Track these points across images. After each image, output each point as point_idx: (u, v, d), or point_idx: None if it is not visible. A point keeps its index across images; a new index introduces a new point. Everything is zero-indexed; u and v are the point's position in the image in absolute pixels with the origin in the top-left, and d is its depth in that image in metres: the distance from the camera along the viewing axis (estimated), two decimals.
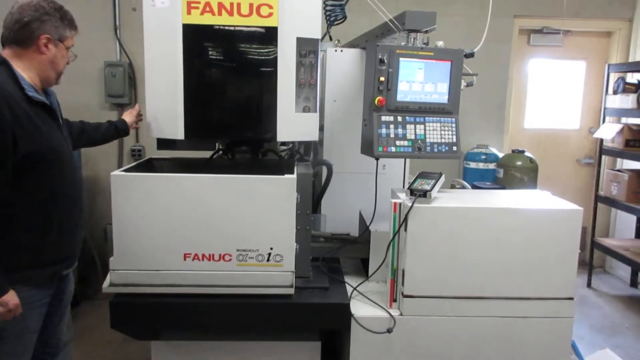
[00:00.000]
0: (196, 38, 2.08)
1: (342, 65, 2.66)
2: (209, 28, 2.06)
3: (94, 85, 4.52)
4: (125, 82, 4.52)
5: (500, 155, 4.05)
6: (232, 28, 2.07)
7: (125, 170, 2.06)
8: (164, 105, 2.16)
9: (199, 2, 2.04)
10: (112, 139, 2.45)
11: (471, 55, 2.20)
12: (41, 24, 1.85)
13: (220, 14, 2.05)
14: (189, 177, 1.97)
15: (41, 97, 1.89)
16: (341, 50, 2.68)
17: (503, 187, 2.99)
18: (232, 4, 2.05)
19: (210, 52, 2.13)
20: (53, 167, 1.89)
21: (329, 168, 2.54)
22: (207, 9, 2.05)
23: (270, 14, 2.06)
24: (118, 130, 2.40)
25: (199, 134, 2.21)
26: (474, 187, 2.82)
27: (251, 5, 2.05)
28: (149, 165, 2.40)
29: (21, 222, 1.84)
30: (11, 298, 1.80)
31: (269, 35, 2.08)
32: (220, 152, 2.44)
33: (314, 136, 2.24)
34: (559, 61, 5.14)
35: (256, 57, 2.13)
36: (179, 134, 2.13)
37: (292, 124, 2.16)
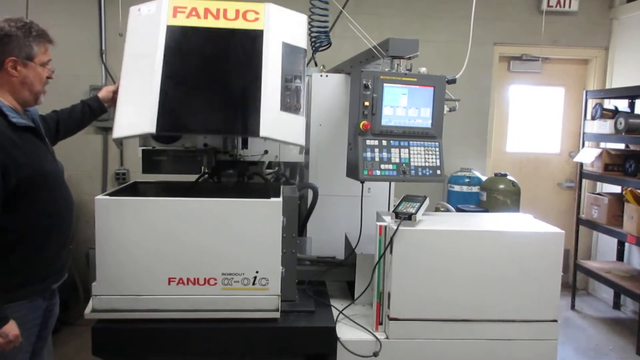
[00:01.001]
0: (179, 37, 2.01)
1: (327, 90, 2.70)
2: (193, 28, 2.02)
3: None
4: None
5: (484, 178, 4.11)
6: (216, 28, 2.04)
7: (110, 195, 2.05)
8: (136, 103, 1.98)
9: (185, 7, 2.03)
10: (89, 121, 2.33)
11: (453, 81, 2.25)
12: (4, 47, 1.82)
13: (206, 17, 2.03)
14: (174, 201, 1.96)
15: (25, 121, 1.89)
16: (326, 76, 2.73)
17: (486, 210, 3.03)
18: (218, 10, 2.04)
19: (192, 49, 2.04)
20: (43, 189, 1.90)
21: (315, 191, 2.55)
22: (194, 13, 2.03)
23: (257, 19, 2.06)
24: (92, 109, 2.27)
25: (173, 127, 2.00)
26: (458, 210, 2.85)
27: (237, 11, 2.05)
28: (134, 189, 2.39)
29: (16, 245, 1.84)
30: (11, 329, 1.80)
31: (255, 36, 2.05)
32: (206, 175, 2.44)
33: (300, 139, 2.06)
34: (538, 87, 5.27)
35: (241, 51, 2.06)
36: (149, 127, 1.91)
37: (276, 121, 2.02)
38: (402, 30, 4.70)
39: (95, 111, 2.29)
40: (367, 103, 2.10)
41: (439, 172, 2.18)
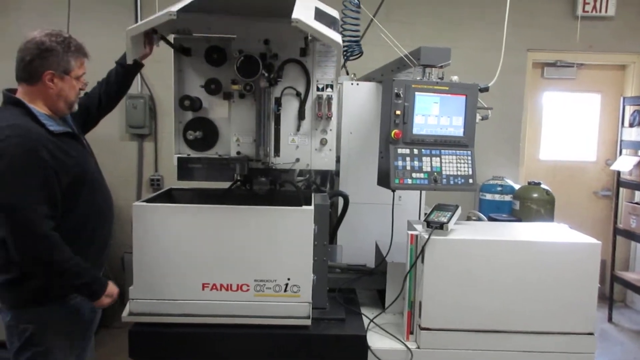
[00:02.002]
0: None
1: (358, 98, 2.72)
2: None
3: (115, 116, 4.60)
4: (145, 114, 4.64)
5: (517, 187, 4.04)
6: None
7: (147, 201, 2.11)
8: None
9: None
10: (126, 82, 2.33)
11: (486, 89, 2.24)
12: (43, 60, 1.88)
13: None
14: (209, 208, 2.01)
15: (62, 127, 1.97)
16: (357, 84, 2.74)
17: (519, 220, 2.97)
18: None
19: None
20: (87, 189, 2.01)
21: (345, 199, 2.57)
22: None
23: None
24: (125, 67, 2.24)
25: (198, 7, 1.97)
26: (490, 219, 2.81)
27: None
28: (169, 196, 2.44)
29: (65, 242, 1.92)
30: (113, 288, 2.02)
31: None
32: (238, 183, 2.48)
33: (337, 37, 1.93)
34: (573, 94, 5.16)
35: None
36: (173, 8, 1.86)
37: (310, 18, 1.90)
38: (433, 37, 4.68)
39: (128, 68, 2.27)
40: (398, 112, 2.10)
41: (471, 181, 2.16)
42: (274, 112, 2.30)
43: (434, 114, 2.14)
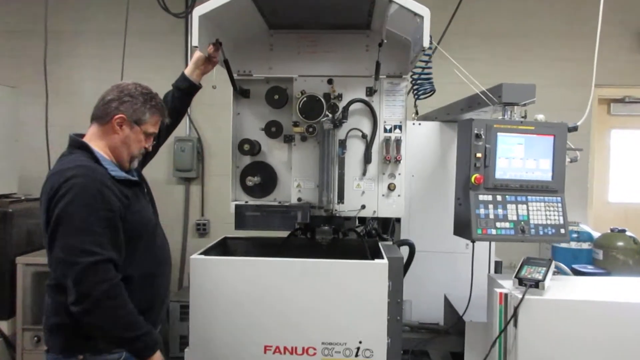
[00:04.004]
0: None
1: (420, 139, 2.57)
2: None
3: (163, 159, 4.61)
4: (193, 157, 4.58)
5: (595, 233, 3.69)
6: None
7: (204, 253, 1.96)
8: None
9: None
10: (183, 104, 2.21)
11: (574, 129, 2.04)
12: (120, 103, 1.84)
13: None
14: (272, 261, 1.85)
15: (123, 174, 1.87)
16: (419, 124, 2.58)
17: (608, 272, 2.69)
18: None
19: None
20: (144, 242, 1.84)
21: (412, 248, 2.36)
22: None
23: None
24: (182, 89, 2.15)
25: None
26: (575, 271, 2.54)
27: None
28: (224, 246, 2.29)
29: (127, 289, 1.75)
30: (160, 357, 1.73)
31: None
32: (299, 231, 2.31)
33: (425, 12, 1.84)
34: None
35: None
36: None
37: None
38: (491, 74, 4.47)
39: (185, 90, 2.16)
40: (479, 154, 1.91)
41: (562, 230, 1.94)
42: (338, 156, 2.16)
43: (519, 156, 1.94)
